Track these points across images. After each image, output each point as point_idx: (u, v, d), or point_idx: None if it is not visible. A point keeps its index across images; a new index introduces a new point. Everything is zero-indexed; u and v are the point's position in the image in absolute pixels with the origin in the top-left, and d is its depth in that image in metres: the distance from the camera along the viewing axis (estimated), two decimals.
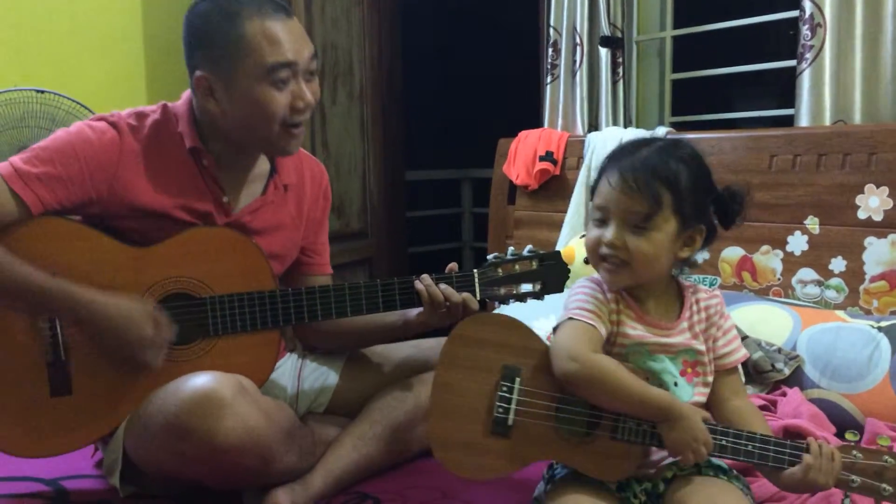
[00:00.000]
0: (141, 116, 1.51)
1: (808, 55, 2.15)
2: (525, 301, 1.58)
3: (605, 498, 1.17)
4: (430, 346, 1.73)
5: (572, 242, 2.34)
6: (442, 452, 1.21)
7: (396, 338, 1.68)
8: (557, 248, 2.50)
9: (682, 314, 1.23)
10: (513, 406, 1.19)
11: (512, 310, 2.26)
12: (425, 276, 1.50)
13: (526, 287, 1.56)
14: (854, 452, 1.13)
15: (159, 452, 1.34)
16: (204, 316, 1.45)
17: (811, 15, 2.13)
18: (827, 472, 1.11)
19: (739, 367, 1.27)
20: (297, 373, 1.71)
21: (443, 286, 1.49)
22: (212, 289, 1.46)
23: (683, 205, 1.17)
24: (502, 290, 1.55)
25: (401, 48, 3.51)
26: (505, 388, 1.19)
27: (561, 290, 1.59)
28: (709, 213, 1.21)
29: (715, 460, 1.21)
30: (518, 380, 1.19)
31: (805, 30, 2.15)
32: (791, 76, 2.34)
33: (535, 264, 1.56)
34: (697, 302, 1.25)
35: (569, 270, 1.59)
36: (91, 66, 2.83)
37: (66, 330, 1.40)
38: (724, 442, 1.13)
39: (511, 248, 1.59)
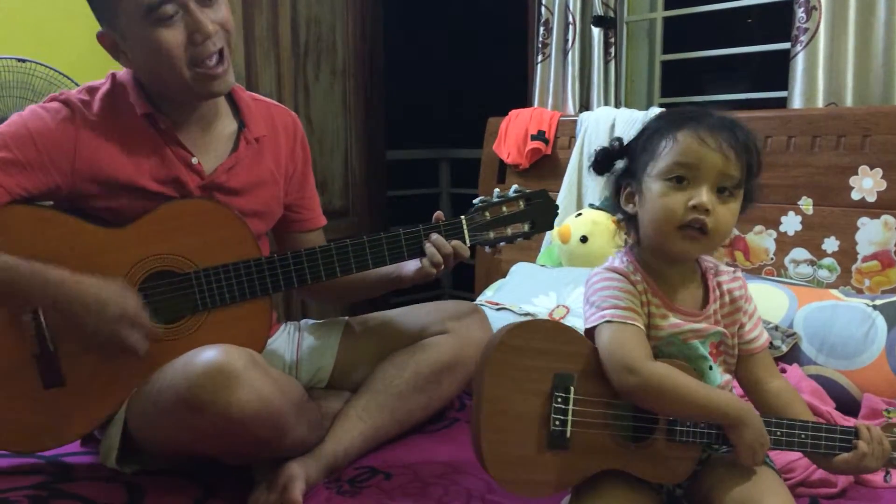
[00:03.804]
0: (91, 91, 1.46)
1: (803, 38, 2.17)
2: (514, 242, 1.56)
3: (632, 486, 1.15)
4: (427, 312, 1.72)
5: (567, 221, 2.34)
6: (498, 472, 1.10)
7: (387, 290, 1.69)
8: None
9: (709, 301, 1.20)
10: (570, 417, 1.11)
11: (511, 287, 2.28)
12: (435, 236, 1.49)
13: (515, 228, 1.54)
14: (895, 430, 1.16)
15: (171, 429, 1.31)
16: (191, 291, 1.42)
17: None
18: (878, 456, 1.13)
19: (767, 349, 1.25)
20: (296, 348, 1.69)
21: (434, 237, 1.49)
22: (195, 263, 1.43)
23: (752, 179, 1.14)
24: (491, 234, 1.53)
25: (383, 25, 3.48)
26: (560, 399, 1.11)
27: (550, 228, 1.58)
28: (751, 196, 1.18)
29: None
30: (572, 388, 1.12)
31: (800, 12, 2.17)
32: (765, 60, 2.37)
33: (522, 204, 1.54)
34: (720, 286, 1.22)
35: (556, 207, 1.57)
36: (70, 36, 2.74)
37: (49, 318, 1.35)
38: (778, 434, 1.13)
39: (496, 191, 1.56)
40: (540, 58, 2.78)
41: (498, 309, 2.10)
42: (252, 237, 1.48)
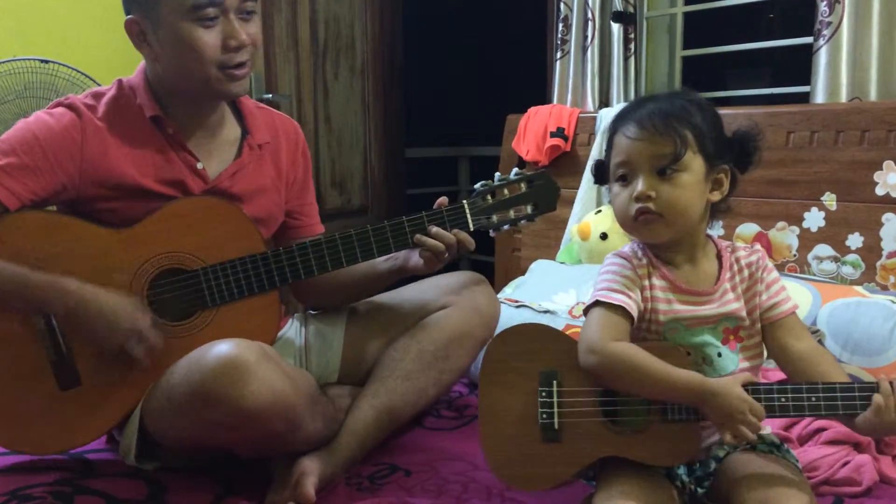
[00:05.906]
0: (97, 95, 1.49)
1: (826, 32, 2.14)
2: (517, 225, 1.55)
3: (654, 484, 1.14)
4: (423, 289, 1.70)
5: (586, 218, 2.33)
6: (501, 472, 1.21)
7: (392, 284, 1.67)
8: (569, 226, 2.51)
9: (722, 276, 1.19)
10: (555, 409, 1.18)
11: (530, 284, 2.27)
12: (434, 228, 1.48)
13: (518, 211, 1.53)
14: None
15: (185, 422, 1.33)
16: (199, 288, 1.44)
17: None
18: None
19: (796, 313, 1.21)
20: (303, 340, 1.69)
21: (434, 230, 1.48)
22: (203, 260, 1.45)
23: (705, 142, 1.15)
24: (495, 218, 1.53)
25: (402, 22, 3.48)
26: (544, 393, 1.19)
27: (553, 209, 1.57)
28: (729, 153, 1.18)
29: (768, 435, 1.20)
30: (555, 382, 1.19)
31: (823, 6, 2.14)
32: (787, 54, 2.33)
33: (524, 186, 1.53)
34: (738, 261, 1.21)
35: (559, 188, 1.56)
36: (92, 37, 2.77)
37: (62, 324, 1.38)
38: (782, 401, 1.08)
39: (497, 174, 1.55)
40: (559, 54, 2.76)
41: (517, 306, 2.09)
42: (258, 232, 1.50)
